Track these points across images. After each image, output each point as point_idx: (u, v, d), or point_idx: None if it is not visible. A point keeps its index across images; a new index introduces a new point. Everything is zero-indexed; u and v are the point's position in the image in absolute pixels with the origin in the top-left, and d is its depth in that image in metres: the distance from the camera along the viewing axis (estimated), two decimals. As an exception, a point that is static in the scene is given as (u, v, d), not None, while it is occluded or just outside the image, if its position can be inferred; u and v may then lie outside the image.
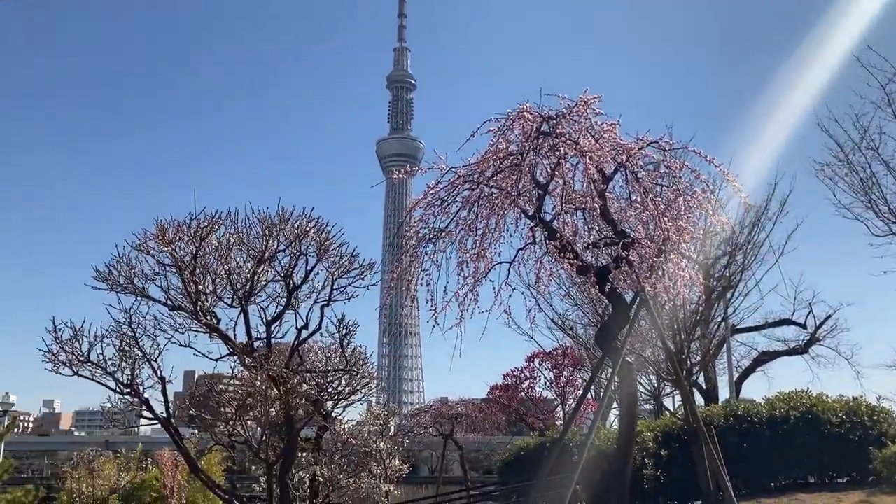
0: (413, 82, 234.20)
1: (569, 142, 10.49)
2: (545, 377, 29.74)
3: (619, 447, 11.81)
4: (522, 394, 30.33)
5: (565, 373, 29.15)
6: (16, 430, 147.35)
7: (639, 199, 10.79)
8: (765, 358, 30.80)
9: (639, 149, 10.60)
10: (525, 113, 10.60)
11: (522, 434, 50.82)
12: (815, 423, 17.63)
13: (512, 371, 30.05)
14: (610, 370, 11.96)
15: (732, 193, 12.13)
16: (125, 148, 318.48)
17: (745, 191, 12.05)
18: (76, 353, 11.54)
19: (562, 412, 30.48)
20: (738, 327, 27.75)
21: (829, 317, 26.47)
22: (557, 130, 10.55)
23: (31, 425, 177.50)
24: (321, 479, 14.71)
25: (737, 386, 28.19)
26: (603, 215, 10.92)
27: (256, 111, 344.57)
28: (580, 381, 30.12)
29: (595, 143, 10.52)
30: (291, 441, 11.94)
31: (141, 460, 38.36)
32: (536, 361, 29.64)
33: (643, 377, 22.26)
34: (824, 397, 18.55)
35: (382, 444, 19.12)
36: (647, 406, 28.47)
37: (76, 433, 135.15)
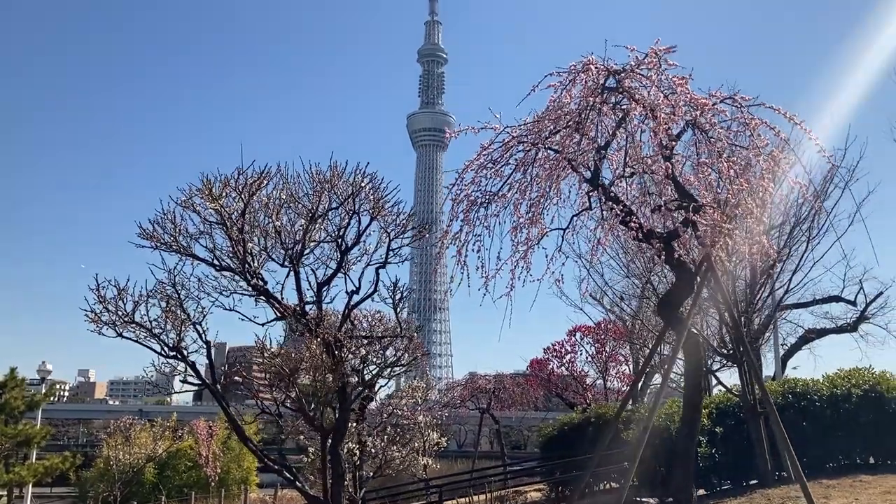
0: (444, 56, 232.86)
1: (637, 97, 9.77)
2: (587, 351, 29.07)
3: (684, 425, 11.19)
4: (563, 368, 29.69)
5: (608, 347, 28.43)
6: (52, 398, 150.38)
7: (708, 160, 10.08)
8: (811, 336, 29.85)
9: (713, 104, 9.85)
10: (591, 66, 9.88)
11: (555, 410, 50.44)
12: (880, 401, 16.87)
13: (553, 345, 29.43)
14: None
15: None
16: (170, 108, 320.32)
17: (813, 156, 11.24)
18: (120, 314, 11.10)
19: (603, 387, 29.84)
20: (785, 303, 26.84)
21: (881, 294, 25.43)
22: (624, 85, 9.85)
23: (66, 394, 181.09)
24: (373, 450, 14.31)
25: (782, 363, 27.42)
26: (669, 178, 10.21)
27: (287, 86, 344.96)
28: (621, 355, 29.44)
29: (665, 99, 9.78)
30: (345, 412, 11.44)
31: (176, 429, 38.71)
32: (578, 335, 28.98)
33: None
34: (888, 375, 17.70)
35: (421, 416, 18.71)
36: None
37: (111, 402, 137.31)
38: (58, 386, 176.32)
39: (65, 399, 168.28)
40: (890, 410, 16.71)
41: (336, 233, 12.00)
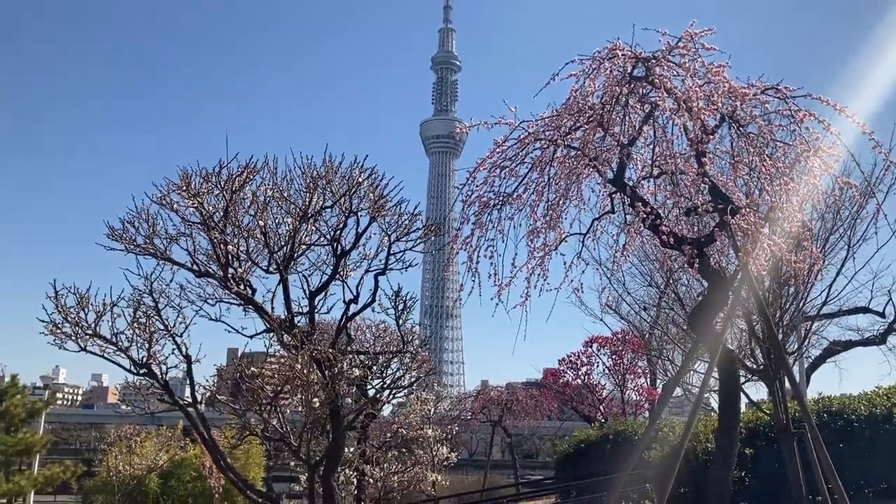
0: (458, 64, 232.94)
1: (668, 87, 8.78)
2: (603, 363, 27.97)
3: (719, 449, 10.20)
4: (578, 380, 28.62)
5: (625, 359, 27.34)
6: (65, 402, 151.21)
7: (747, 158, 9.10)
8: (837, 348, 28.66)
9: (754, 95, 8.86)
10: (617, 52, 8.92)
11: (570, 420, 49.32)
12: (925, 422, 15.61)
13: (568, 356, 28.36)
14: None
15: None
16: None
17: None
18: (81, 325, 10.04)
19: (621, 401, 28.72)
20: (809, 314, 25.68)
21: (911, 305, 24.16)
22: (654, 74, 8.87)
23: (79, 398, 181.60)
24: (371, 479, 13.27)
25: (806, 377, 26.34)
26: (702, 177, 9.23)
27: (300, 91, 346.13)
28: (639, 367, 28.34)
29: (701, 89, 8.79)
30: (338, 438, 10.32)
31: (180, 439, 37.85)
32: (594, 346, 27.89)
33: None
34: (933, 393, 16.47)
35: (430, 430, 17.68)
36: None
37: (122, 406, 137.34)
38: (70, 390, 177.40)
39: (77, 403, 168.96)
40: (936, 432, 15.51)
41: (331, 235, 10.93)
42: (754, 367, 17.19)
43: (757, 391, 23.19)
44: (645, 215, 8.89)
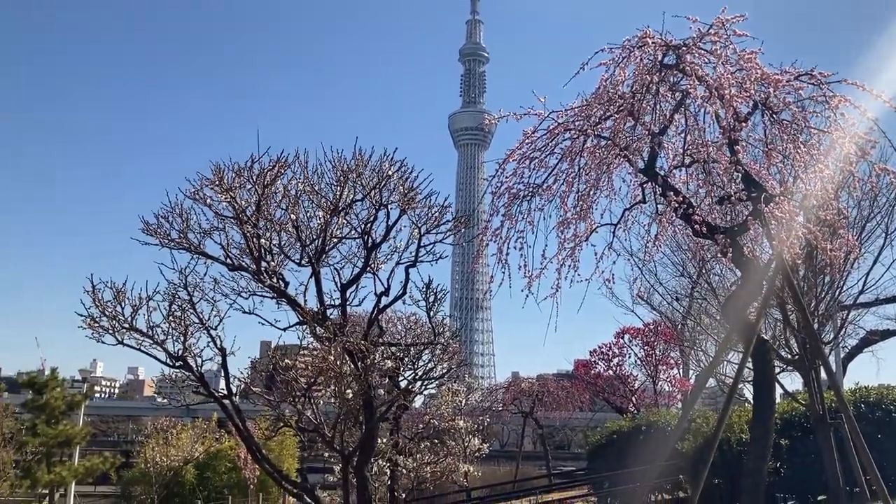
0: (486, 55, 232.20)
1: (699, 74, 8.67)
2: (635, 354, 27.75)
3: (754, 440, 10.06)
4: (610, 371, 28.45)
5: (657, 350, 27.10)
6: (103, 395, 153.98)
7: (780, 145, 8.96)
8: (874, 338, 28.14)
9: (787, 81, 8.71)
10: (647, 40, 8.81)
11: (601, 411, 49.04)
12: (965, 412, 15.34)
13: (599, 347, 28.20)
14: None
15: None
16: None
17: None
18: (118, 319, 10.24)
19: (653, 392, 28.49)
20: (845, 303, 25.23)
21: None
22: (685, 62, 8.76)
23: (116, 391, 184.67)
24: (404, 470, 13.31)
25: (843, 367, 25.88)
26: (734, 166, 9.11)
27: (326, 86, 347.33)
28: (672, 358, 28.08)
29: (733, 76, 8.66)
30: (371, 429, 10.37)
31: (215, 431, 38.28)
32: (626, 337, 27.70)
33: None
34: (976, 383, 16.16)
35: (461, 422, 17.70)
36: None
37: (158, 399, 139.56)
38: (108, 383, 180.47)
39: (115, 396, 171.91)
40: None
41: (362, 228, 10.96)
42: (789, 357, 16.96)
43: (792, 381, 22.87)
44: (677, 204, 8.78)
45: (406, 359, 12.81)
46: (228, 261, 10.64)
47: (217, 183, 10.10)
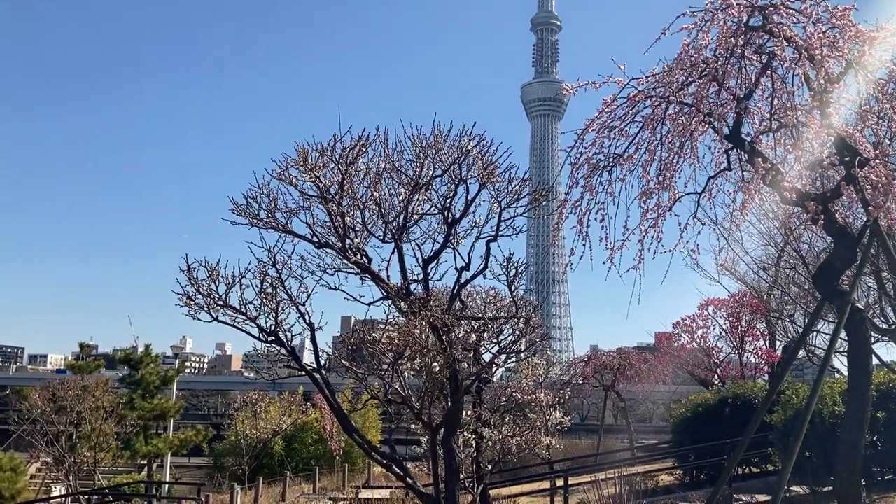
0: (558, 24, 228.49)
1: (787, 35, 8.35)
2: (720, 326, 27.14)
3: (850, 412, 9.72)
4: (694, 344, 27.93)
5: (743, 322, 26.43)
6: (192, 370, 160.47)
7: (875, 107, 8.56)
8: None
9: (884, 38, 8.31)
10: (731, 1, 8.52)
11: (685, 384, 48.28)
12: None
13: (683, 319, 27.67)
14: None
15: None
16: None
17: None
18: (213, 297, 10.57)
19: (739, 364, 27.85)
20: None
21: None
22: (772, 22, 8.45)
23: (205, 366, 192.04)
24: (489, 442, 13.46)
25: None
26: (826, 129, 8.76)
27: (395, 56, 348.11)
28: (758, 329, 27.36)
29: (824, 35, 8.30)
30: (456, 402, 10.54)
31: (301, 404, 39.51)
32: (710, 309, 27.10)
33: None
34: None
35: (542, 395, 17.71)
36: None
37: (245, 374, 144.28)
38: (197, 359, 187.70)
39: (204, 371, 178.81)
40: None
41: (442, 203, 11.05)
42: (885, 326, 16.39)
43: (888, 352, 22.07)
44: (764, 171, 8.51)
45: (486, 333, 12.89)
46: (315, 239, 10.90)
47: (302, 163, 10.33)
